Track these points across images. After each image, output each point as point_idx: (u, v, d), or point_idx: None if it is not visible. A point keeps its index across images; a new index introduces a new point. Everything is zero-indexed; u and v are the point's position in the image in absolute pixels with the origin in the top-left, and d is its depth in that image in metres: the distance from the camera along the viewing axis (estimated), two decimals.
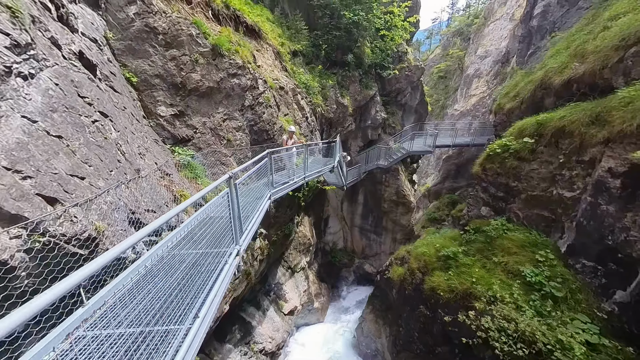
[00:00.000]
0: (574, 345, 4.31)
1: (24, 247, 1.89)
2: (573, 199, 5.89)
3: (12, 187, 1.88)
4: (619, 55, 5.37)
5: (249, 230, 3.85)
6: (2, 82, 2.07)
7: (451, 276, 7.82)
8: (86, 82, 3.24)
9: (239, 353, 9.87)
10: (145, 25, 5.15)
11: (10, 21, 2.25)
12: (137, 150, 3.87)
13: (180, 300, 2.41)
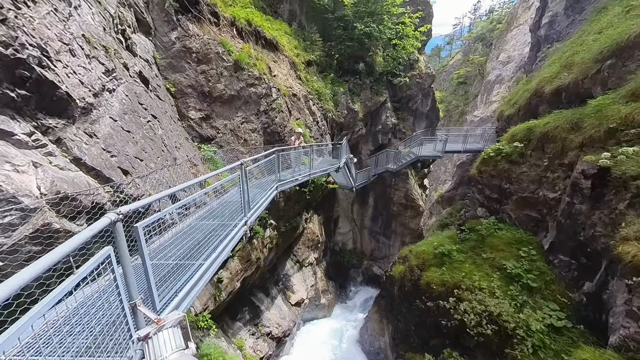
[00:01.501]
0: (532, 323, 4.83)
1: (112, 199, 3.01)
2: (555, 199, 6.31)
3: (107, 160, 3.01)
4: (597, 67, 5.80)
5: (256, 208, 4.85)
6: (100, 96, 3.25)
7: (444, 271, 8.34)
8: (143, 93, 4.47)
9: (247, 332, 10.91)
10: (183, 46, 6.46)
11: (105, 55, 3.46)
12: (174, 144, 5.06)
13: (205, 248, 3.44)
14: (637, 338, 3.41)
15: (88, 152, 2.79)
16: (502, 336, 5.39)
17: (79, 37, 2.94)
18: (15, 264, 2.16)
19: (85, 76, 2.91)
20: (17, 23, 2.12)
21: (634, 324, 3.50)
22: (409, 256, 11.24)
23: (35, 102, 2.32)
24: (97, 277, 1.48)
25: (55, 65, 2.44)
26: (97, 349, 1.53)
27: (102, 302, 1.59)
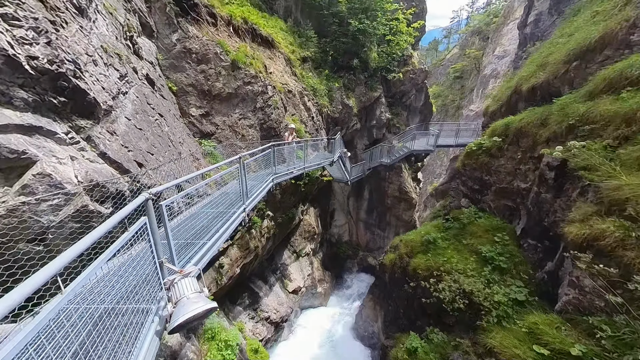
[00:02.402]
0: (498, 298, 5.51)
1: (130, 188, 3.55)
2: (526, 189, 6.92)
3: (125, 155, 3.54)
4: (565, 67, 6.32)
5: (253, 197, 5.42)
6: (117, 99, 3.75)
7: (429, 257, 9.01)
8: (150, 93, 4.95)
9: (247, 316, 11.63)
10: (184, 47, 6.90)
11: (118, 62, 3.94)
12: (178, 140, 5.58)
13: (210, 229, 4.02)
14: (574, 302, 4.07)
15: (110, 148, 3.32)
16: (473, 310, 6.08)
17: (99, 48, 3.42)
18: (62, 237, 2.73)
19: (105, 82, 3.41)
20: (57, 43, 2.60)
21: (573, 291, 4.15)
22: (399, 245, 11.92)
23: (70, 107, 2.83)
24: (134, 243, 2.04)
25: (84, 75, 2.93)
26: (137, 294, 2.10)
27: (141, 261, 2.16)
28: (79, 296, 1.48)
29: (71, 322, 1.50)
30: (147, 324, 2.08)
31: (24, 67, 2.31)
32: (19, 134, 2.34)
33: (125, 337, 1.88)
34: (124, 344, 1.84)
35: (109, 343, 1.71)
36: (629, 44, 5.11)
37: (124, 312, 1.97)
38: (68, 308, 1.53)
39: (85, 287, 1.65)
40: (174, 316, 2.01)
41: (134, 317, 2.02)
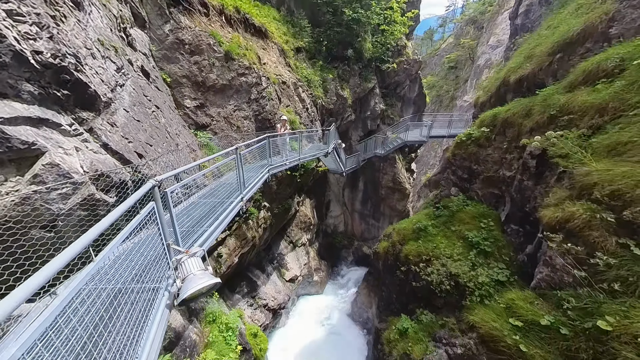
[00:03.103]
0: (482, 279, 5.93)
1: (132, 178, 3.71)
2: (511, 177, 7.27)
3: (126, 146, 3.68)
4: (550, 59, 6.56)
5: (250, 187, 5.62)
6: (115, 91, 3.84)
7: (420, 244, 9.41)
8: (146, 85, 5.02)
9: (245, 303, 12.03)
10: (176, 38, 6.87)
11: (114, 54, 4.01)
12: (175, 132, 5.68)
13: (207, 218, 4.23)
14: (547, 279, 4.46)
15: (112, 139, 3.45)
16: (459, 291, 6.51)
17: (96, 41, 3.49)
18: (71, 224, 2.91)
19: (103, 75, 3.50)
20: (59, 37, 2.69)
21: (546, 269, 4.54)
22: (392, 233, 12.33)
23: (73, 99, 2.94)
24: (142, 228, 2.24)
25: (84, 68, 3.03)
26: (149, 274, 2.32)
27: (150, 244, 2.37)
28: (102, 271, 1.69)
29: (93, 299, 1.71)
30: (159, 298, 2.32)
31: (30, 61, 2.42)
32: (28, 125, 2.47)
33: (141, 310, 2.11)
34: (140, 316, 2.08)
35: (128, 314, 1.94)
36: (607, 37, 5.35)
37: (139, 290, 2.19)
38: (90, 287, 1.74)
39: (107, 263, 1.86)
40: (182, 290, 2.25)
41: (147, 294, 2.25)
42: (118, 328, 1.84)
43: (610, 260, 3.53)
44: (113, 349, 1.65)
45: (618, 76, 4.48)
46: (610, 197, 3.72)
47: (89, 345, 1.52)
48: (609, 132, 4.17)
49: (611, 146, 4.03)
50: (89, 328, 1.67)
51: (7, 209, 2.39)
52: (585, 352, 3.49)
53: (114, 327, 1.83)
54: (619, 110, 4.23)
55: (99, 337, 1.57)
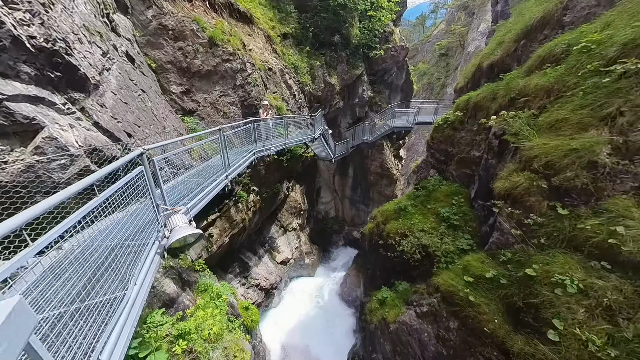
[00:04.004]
0: (448, 248, 6.65)
1: (122, 154, 4.09)
2: (479, 157, 7.88)
3: (115, 125, 4.03)
4: (515, 46, 7.03)
5: (235, 167, 6.04)
6: (102, 74, 4.14)
7: (400, 222, 10.07)
8: (131, 70, 5.29)
9: (238, 283, 12.69)
10: (159, 24, 7.02)
11: (100, 40, 4.27)
12: (162, 115, 6.00)
13: (194, 192, 4.67)
14: (496, 242, 5.13)
15: (102, 118, 3.80)
16: (429, 259, 7.22)
17: (82, 27, 3.75)
18: None
19: (91, 59, 3.79)
20: (49, 23, 2.98)
21: (497, 233, 5.20)
22: (377, 215, 13.00)
23: (65, 80, 3.26)
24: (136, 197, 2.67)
25: (73, 52, 3.33)
26: (144, 230, 2.77)
27: (144, 208, 2.81)
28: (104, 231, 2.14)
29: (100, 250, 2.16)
30: (149, 246, 2.80)
31: (26, 45, 2.73)
32: (28, 103, 2.81)
33: (137, 255, 2.59)
34: (136, 260, 2.56)
35: (128, 258, 2.41)
36: (562, 24, 5.83)
37: (135, 244, 2.66)
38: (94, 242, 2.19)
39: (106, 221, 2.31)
40: (170, 239, 2.73)
41: (142, 246, 2.73)
42: (120, 266, 2.32)
43: (540, 220, 4.17)
44: (119, 274, 2.14)
45: (563, 61, 5.00)
46: (544, 167, 4.32)
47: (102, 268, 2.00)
48: (550, 111, 4.73)
49: (551, 123, 4.60)
50: (98, 264, 2.15)
51: (15, 175, 2.78)
52: (517, 296, 4.18)
53: (118, 264, 2.31)
54: (560, 91, 4.77)
55: (109, 264, 2.06)
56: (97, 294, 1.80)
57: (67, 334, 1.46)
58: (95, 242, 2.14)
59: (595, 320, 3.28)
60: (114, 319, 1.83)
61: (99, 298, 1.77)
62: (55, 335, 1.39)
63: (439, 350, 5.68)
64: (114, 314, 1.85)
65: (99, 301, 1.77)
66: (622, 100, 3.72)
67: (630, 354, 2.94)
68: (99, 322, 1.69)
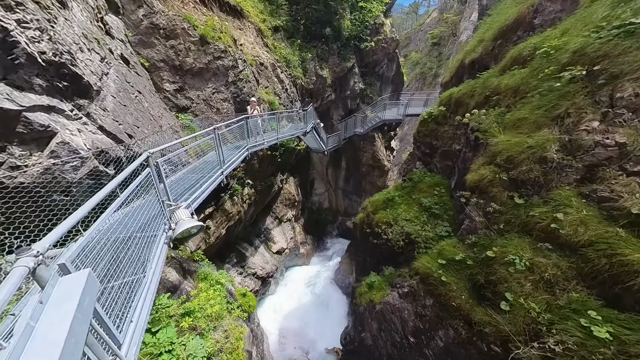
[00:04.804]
0: (428, 234, 7.29)
1: (125, 155, 4.47)
2: (459, 150, 8.44)
3: (117, 127, 4.37)
4: (493, 44, 7.45)
5: (229, 163, 6.44)
6: (102, 80, 4.43)
7: (387, 212, 10.68)
8: (127, 72, 5.55)
9: (235, 272, 13.29)
10: (151, 23, 7.17)
11: (97, 46, 4.52)
12: (158, 114, 6.30)
13: (193, 188, 5.09)
14: (467, 228, 5.75)
15: (105, 122, 4.15)
16: (412, 245, 7.87)
17: (81, 35, 4.01)
18: (82, 190, 3.71)
19: (91, 66, 4.08)
20: (56, 38, 3.26)
21: (468, 220, 5.81)
22: (367, 205, 13.60)
23: (71, 89, 3.57)
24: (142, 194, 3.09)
25: (77, 63, 3.63)
26: (152, 222, 3.21)
27: (151, 201, 3.24)
28: (119, 222, 2.58)
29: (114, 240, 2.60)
30: (159, 237, 3.25)
31: (38, 60, 3.03)
32: (42, 112, 3.15)
33: (150, 244, 3.05)
34: (150, 248, 3.02)
35: (141, 247, 2.87)
36: (532, 26, 6.26)
37: (148, 235, 3.11)
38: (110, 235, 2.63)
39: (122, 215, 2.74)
40: (175, 230, 3.19)
41: (153, 237, 3.18)
42: (137, 253, 2.78)
43: (500, 208, 4.75)
44: (136, 260, 2.61)
45: (529, 63, 5.47)
46: (506, 161, 4.87)
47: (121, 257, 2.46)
48: (514, 110, 5.24)
49: (514, 121, 5.12)
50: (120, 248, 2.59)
51: (35, 177, 3.17)
52: (480, 274, 4.82)
53: (135, 252, 2.76)
54: (524, 92, 5.27)
55: (126, 252, 2.52)
56: (126, 274, 2.27)
57: (109, 303, 1.93)
58: (122, 234, 2.60)
59: (538, 292, 3.92)
60: (139, 292, 2.31)
61: (127, 278, 2.24)
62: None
63: (416, 325, 6.39)
64: (138, 288, 2.33)
65: (126, 281, 2.24)
66: (569, 102, 4.24)
67: (562, 318, 3.59)
68: (128, 296, 2.17)
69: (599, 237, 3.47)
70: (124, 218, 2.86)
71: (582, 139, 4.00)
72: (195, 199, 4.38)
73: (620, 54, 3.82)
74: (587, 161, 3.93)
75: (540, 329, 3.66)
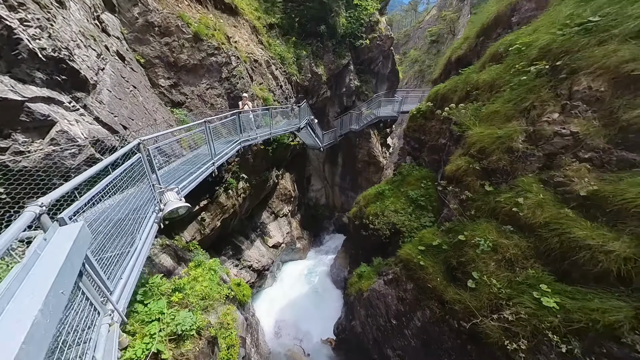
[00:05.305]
0: (412, 224, 7.64)
1: (120, 145, 4.79)
2: (444, 144, 8.75)
3: (113, 119, 4.69)
4: (476, 41, 7.73)
5: (221, 155, 6.76)
6: (98, 75, 4.74)
7: (377, 205, 11.02)
8: (122, 68, 5.85)
9: (231, 264, 13.66)
10: (145, 21, 7.46)
11: (94, 43, 4.82)
12: (152, 109, 6.61)
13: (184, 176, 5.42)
14: (445, 216, 6.07)
15: (101, 114, 4.46)
16: (398, 235, 8.20)
17: (78, 33, 4.31)
18: None
19: (88, 62, 4.38)
20: (55, 35, 3.57)
21: (446, 209, 6.14)
22: (360, 199, 13.94)
23: (69, 82, 3.88)
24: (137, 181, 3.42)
25: (74, 58, 3.93)
26: (144, 206, 3.53)
27: (144, 188, 3.56)
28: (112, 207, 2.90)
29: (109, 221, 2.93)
30: (149, 217, 3.59)
31: (39, 56, 3.34)
32: (42, 103, 3.46)
33: (139, 223, 3.38)
34: (139, 226, 3.35)
35: (132, 225, 3.20)
36: (510, 24, 6.54)
37: (139, 217, 3.44)
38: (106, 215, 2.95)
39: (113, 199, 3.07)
40: (164, 209, 3.52)
41: (144, 219, 3.51)
42: (130, 231, 3.11)
43: (472, 196, 5.08)
44: (128, 236, 2.94)
45: (503, 59, 5.77)
46: (478, 152, 5.19)
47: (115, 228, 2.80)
48: (488, 104, 5.55)
49: (488, 114, 5.42)
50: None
51: (37, 162, 3.50)
52: (453, 257, 5.15)
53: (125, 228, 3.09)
54: (499, 87, 5.57)
55: (120, 230, 2.86)
56: (118, 247, 2.61)
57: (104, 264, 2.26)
58: (112, 213, 2.92)
59: (501, 270, 4.26)
60: (129, 258, 2.65)
61: (120, 250, 2.58)
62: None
63: (398, 308, 6.75)
64: (128, 255, 2.67)
65: (119, 252, 2.58)
66: (535, 96, 4.55)
67: (519, 292, 3.92)
68: (119, 260, 2.52)
69: (553, 218, 3.79)
70: (119, 203, 3.18)
71: (543, 129, 4.32)
72: (186, 186, 4.71)
73: (579, 50, 4.12)
74: (547, 150, 4.24)
75: (500, 303, 4.00)
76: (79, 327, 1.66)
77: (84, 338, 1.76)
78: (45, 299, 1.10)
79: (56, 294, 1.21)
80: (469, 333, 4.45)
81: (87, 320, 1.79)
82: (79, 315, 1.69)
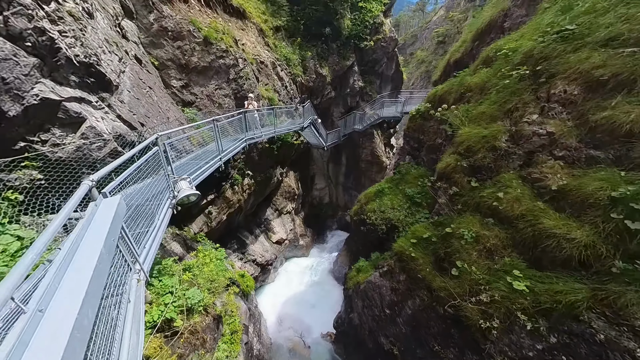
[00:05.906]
0: (407, 220, 7.99)
1: (138, 140, 5.34)
2: (440, 143, 9.07)
3: (132, 117, 5.24)
4: (472, 45, 8.04)
5: (228, 151, 7.28)
6: (120, 77, 5.29)
7: (377, 202, 11.41)
8: (140, 70, 6.42)
9: (236, 257, 14.23)
10: (160, 26, 8.04)
11: (116, 48, 5.39)
12: (165, 108, 7.18)
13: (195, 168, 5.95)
14: (435, 211, 6.43)
15: (122, 112, 5.01)
16: (394, 230, 8.58)
17: (104, 40, 4.86)
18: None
19: (112, 65, 4.93)
20: (86, 44, 4.11)
21: (437, 205, 6.50)
22: (362, 198, 14.32)
23: (97, 84, 4.43)
24: (153, 173, 3.94)
25: (101, 63, 4.47)
26: (162, 193, 4.05)
27: (161, 177, 4.09)
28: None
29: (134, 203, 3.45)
30: (165, 202, 4.10)
31: (73, 62, 3.88)
32: (75, 102, 4.00)
33: (157, 206, 3.90)
34: (157, 209, 3.86)
35: (151, 209, 3.71)
36: (503, 29, 6.84)
37: (157, 203, 3.96)
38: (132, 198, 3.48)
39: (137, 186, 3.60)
40: (178, 196, 4.03)
41: (160, 201, 4.03)
42: (147, 212, 3.63)
43: (459, 191, 5.44)
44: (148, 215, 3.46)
45: (493, 63, 6.10)
46: (466, 150, 5.54)
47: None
48: (477, 105, 5.89)
49: (476, 115, 5.76)
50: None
51: (70, 153, 4.05)
52: (441, 248, 5.52)
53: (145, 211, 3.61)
54: (488, 89, 5.91)
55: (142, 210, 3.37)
56: (143, 226, 3.13)
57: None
58: (134, 199, 3.45)
59: (482, 259, 4.62)
60: (150, 233, 3.16)
61: (141, 230, 3.10)
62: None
63: (392, 299, 7.14)
64: (148, 231, 3.18)
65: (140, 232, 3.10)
66: (517, 98, 4.89)
67: (496, 279, 4.28)
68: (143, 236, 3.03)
69: (527, 211, 4.14)
70: (140, 190, 3.70)
71: (524, 129, 4.66)
72: (197, 177, 5.23)
73: (557, 56, 4.45)
74: (527, 148, 4.59)
75: (479, 288, 4.37)
76: (115, 282, 2.15)
77: (118, 292, 2.25)
78: (105, 240, 1.58)
79: (109, 241, 1.69)
80: (453, 318, 4.82)
81: (122, 277, 2.28)
82: (117, 271, 2.18)
